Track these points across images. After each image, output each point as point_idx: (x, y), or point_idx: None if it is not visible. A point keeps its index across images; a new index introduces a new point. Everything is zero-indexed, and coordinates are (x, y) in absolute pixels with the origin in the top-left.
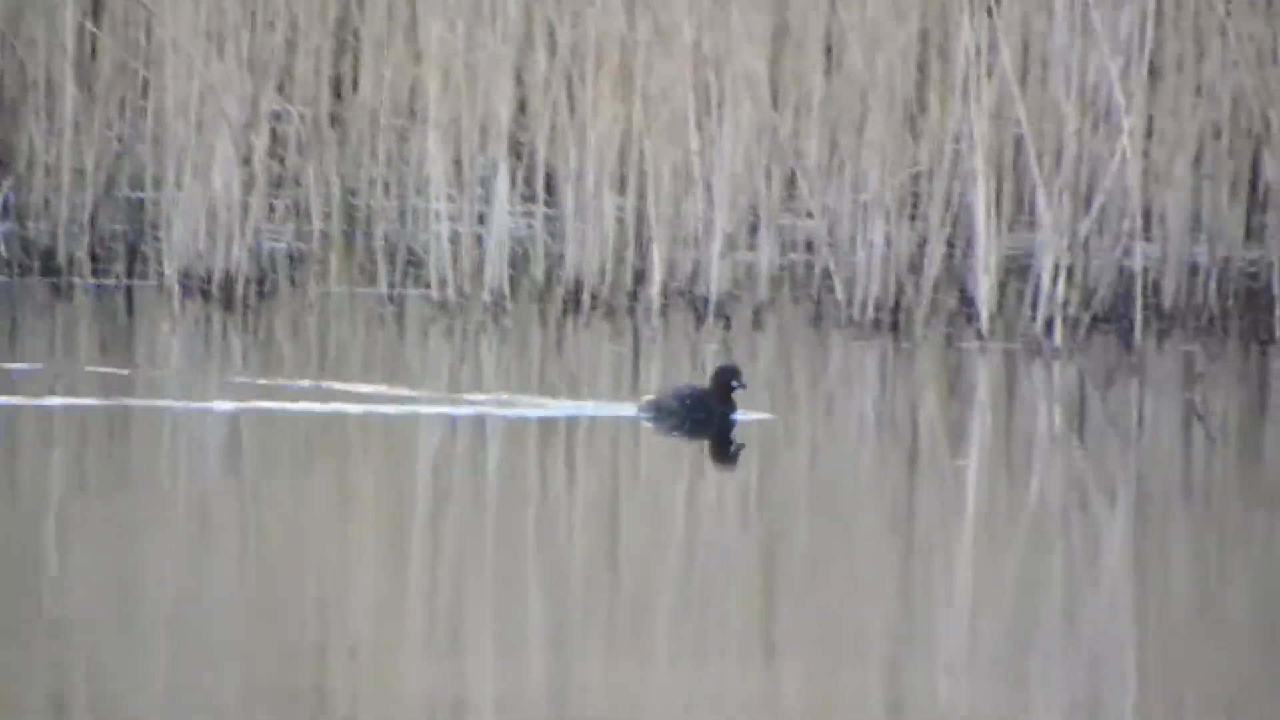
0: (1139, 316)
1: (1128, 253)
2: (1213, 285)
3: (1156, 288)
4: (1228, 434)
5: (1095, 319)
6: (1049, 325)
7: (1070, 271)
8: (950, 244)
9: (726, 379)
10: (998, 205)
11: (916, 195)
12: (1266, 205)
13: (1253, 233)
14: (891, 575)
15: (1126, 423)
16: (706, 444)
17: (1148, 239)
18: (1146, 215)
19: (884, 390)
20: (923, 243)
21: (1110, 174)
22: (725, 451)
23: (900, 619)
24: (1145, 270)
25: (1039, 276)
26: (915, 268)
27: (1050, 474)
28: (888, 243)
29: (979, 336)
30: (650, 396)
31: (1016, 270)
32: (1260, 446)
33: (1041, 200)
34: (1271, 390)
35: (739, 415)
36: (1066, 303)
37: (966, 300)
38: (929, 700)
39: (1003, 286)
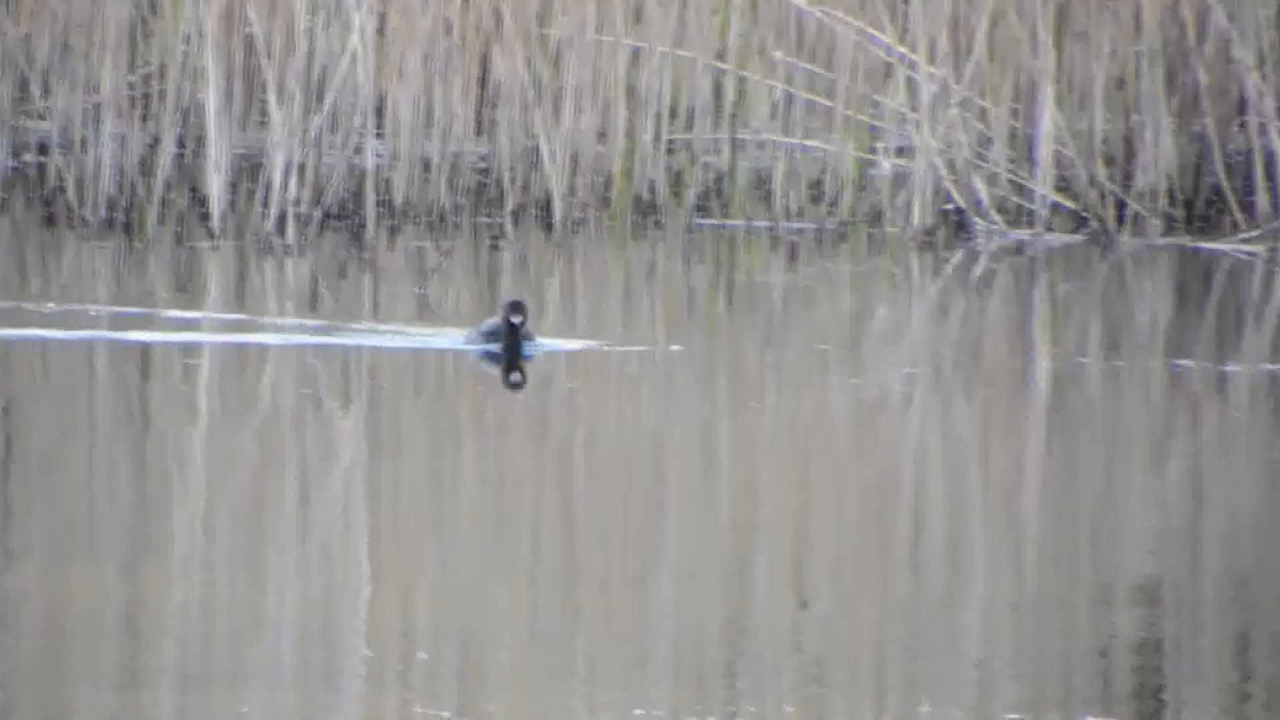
0: (371, 213)
1: (359, 150)
2: (444, 181)
3: (388, 184)
4: (460, 323)
5: (327, 216)
6: (280, 222)
7: (302, 169)
8: (183, 143)
9: (508, 313)
10: (229, 104)
11: (149, 95)
12: (496, 101)
13: (482, 128)
14: (131, 475)
15: (360, 315)
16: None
17: (379, 135)
18: (379, 112)
19: (117, 290)
20: (155, 142)
21: (342, 71)
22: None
23: (137, 520)
24: (377, 167)
25: (270, 175)
26: (148, 168)
27: (283, 371)
28: (120, 143)
29: (210, 235)
30: (472, 329)
31: (250, 169)
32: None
33: (273, 98)
34: (500, 283)
35: (533, 347)
36: (298, 200)
37: (198, 199)
38: (165, 597)
39: (235, 185)
